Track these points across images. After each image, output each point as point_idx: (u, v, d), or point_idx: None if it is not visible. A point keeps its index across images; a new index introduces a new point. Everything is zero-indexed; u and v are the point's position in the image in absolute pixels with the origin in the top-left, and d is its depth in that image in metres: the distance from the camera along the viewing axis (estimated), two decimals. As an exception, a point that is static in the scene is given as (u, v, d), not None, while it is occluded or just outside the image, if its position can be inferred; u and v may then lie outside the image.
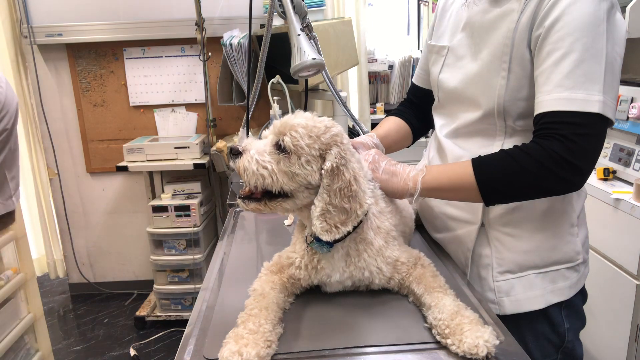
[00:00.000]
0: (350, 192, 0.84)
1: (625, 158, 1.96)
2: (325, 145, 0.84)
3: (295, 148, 0.82)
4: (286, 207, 0.87)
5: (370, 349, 0.79)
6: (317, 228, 0.83)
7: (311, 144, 0.83)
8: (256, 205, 0.87)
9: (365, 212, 0.87)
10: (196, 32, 2.80)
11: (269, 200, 0.86)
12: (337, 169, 0.83)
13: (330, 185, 0.83)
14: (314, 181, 0.84)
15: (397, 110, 1.36)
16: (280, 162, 0.83)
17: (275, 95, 1.92)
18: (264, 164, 0.83)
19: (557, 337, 1.07)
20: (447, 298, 0.84)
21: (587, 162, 0.88)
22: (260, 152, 0.84)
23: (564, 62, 0.88)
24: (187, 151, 2.84)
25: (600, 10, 0.87)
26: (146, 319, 2.93)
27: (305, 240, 0.91)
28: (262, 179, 0.83)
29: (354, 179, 0.84)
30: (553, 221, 1.04)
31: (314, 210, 0.84)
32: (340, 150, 0.84)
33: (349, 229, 0.85)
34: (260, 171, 0.83)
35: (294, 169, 0.83)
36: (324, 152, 0.84)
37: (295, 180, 0.83)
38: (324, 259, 0.90)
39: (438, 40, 1.17)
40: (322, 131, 0.84)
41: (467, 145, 1.09)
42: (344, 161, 0.84)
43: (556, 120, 0.88)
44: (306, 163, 0.83)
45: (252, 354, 0.72)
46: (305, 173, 0.83)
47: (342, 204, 0.83)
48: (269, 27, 1.44)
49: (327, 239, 0.84)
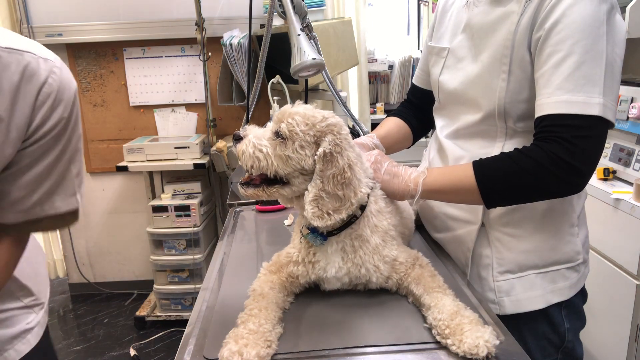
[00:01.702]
0: (343, 179, 0.84)
1: (625, 158, 1.96)
2: (320, 132, 0.85)
3: (291, 134, 0.85)
4: (283, 193, 0.89)
5: (370, 349, 0.79)
6: (309, 213, 0.84)
7: (306, 131, 0.85)
8: (254, 191, 0.89)
9: (360, 201, 0.87)
10: (196, 32, 2.80)
11: (267, 186, 0.89)
12: (330, 155, 0.84)
13: (323, 171, 0.84)
14: (308, 166, 0.86)
15: (397, 111, 1.36)
16: (277, 146, 0.86)
17: (275, 95, 1.92)
18: (260, 147, 0.86)
19: (557, 337, 1.07)
20: (446, 298, 0.84)
21: (587, 165, 0.88)
22: (258, 137, 0.87)
23: (564, 64, 0.88)
24: (187, 151, 2.84)
25: (600, 12, 0.87)
26: (146, 319, 2.93)
27: (301, 232, 0.93)
28: (257, 161, 0.86)
29: (349, 166, 0.85)
30: (553, 221, 1.04)
31: (307, 196, 0.85)
32: (335, 139, 0.85)
33: (342, 216, 0.85)
34: (256, 154, 0.86)
35: (287, 153, 0.85)
36: (319, 139, 0.85)
37: (289, 164, 0.85)
38: (319, 252, 0.91)
39: (438, 41, 1.17)
40: (318, 120, 0.86)
41: (468, 146, 1.09)
42: (339, 149, 0.85)
43: (557, 123, 0.88)
44: (300, 148, 0.85)
45: (252, 354, 0.72)
46: (299, 157, 0.85)
47: (335, 190, 0.84)
48: (269, 27, 1.44)
49: (318, 225, 0.85)
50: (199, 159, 2.83)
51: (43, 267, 1.14)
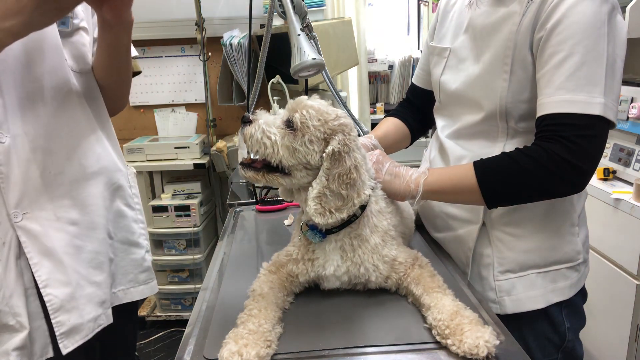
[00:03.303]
0: (349, 179, 0.85)
1: (625, 158, 1.96)
2: (331, 130, 0.85)
3: (302, 126, 0.84)
4: (282, 183, 0.89)
5: (370, 349, 0.79)
6: (311, 209, 0.84)
7: (317, 126, 0.85)
8: (254, 174, 0.89)
9: (362, 203, 0.87)
10: (196, 32, 2.80)
11: (267, 172, 0.88)
12: (338, 154, 0.84)
13: (330, 169, 0.84)
14: (314, 162, 0.86)
15: (395, 111, 1.36)
16: (285, 136, 0.85)
17: (275, 95, 1.92)
18: (269, 134, 0.85)
19: (557, 337, 1.08)
20: (446, 298, 0.84)
21: (588, 164, 0.88)
22: (268, 124, 0.86)
23: (566, 64, 0.88)
24: (187, 151, 2.84)
25: (602, 13, 0.87)
26: (146, 319, 2.93)
27: (301, 228, 0.93)
28: (263, 147, 0.85)
29: (355, 167, 0.86)
30: (554, 221, 1.04)
31: (311, 192, 0.85)
32: (345, 139, 0.85)
33: (343, 216, 0.85)
34: (263, 140, 0.85)
35: (296, 145, 0.84)
36: (329, 137, 0.85)
37: (295, 157, 0.85)
38: (318, 249, 0.91)
39: (440, 41, 1.17)
40: (331, 117, 0.86)
41: (469, 146, 1.09)
42: (347, 149, 0.85)
43: (558, 123, 0.88)
44: (309, 142, 0.85)
45: (251, 354, 0.72)
46: (306, 151, 0.85)
47: (339, 189, 0.84)
48: (269, 27, 1.43)
49: (319, 222, 0.85)
50: (199, 159, 2.82)
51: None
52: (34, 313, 0.98)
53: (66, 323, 0.99)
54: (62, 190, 1.01)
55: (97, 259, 1.07)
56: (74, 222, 1.03)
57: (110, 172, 1.13)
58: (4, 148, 0.92)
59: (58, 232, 1.00)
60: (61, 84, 1.00)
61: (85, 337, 1.03)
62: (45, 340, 0.99)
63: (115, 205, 1.15)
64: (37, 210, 0.97)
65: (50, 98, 0.98)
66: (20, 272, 0.96)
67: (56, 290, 0.98)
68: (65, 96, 1.01)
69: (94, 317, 1.05)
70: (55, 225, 0.99)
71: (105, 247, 1.10)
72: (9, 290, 0.95)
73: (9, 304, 0.95)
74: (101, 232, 1.09)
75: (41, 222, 0.97)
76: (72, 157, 1.03)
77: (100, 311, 1.07)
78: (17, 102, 0.94)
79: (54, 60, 0.99)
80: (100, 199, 1.09)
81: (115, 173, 1.15)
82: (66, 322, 0.99)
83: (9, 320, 0.95)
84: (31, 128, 0.96)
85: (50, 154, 0.99)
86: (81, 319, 1.02)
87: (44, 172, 0.97)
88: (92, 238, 1.06)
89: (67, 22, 1.02)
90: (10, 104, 0.93)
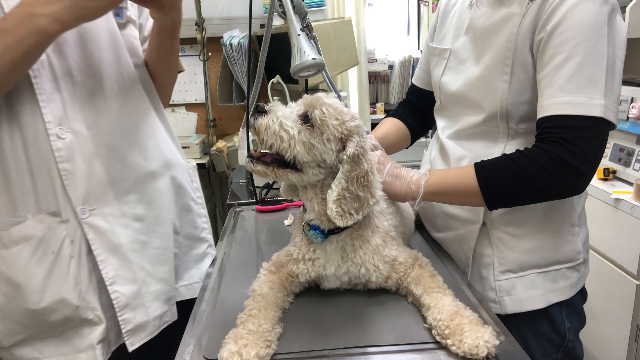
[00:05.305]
0: (366, 181, 0.85)
1: (625, 158, 1.96)
2: (348, 131, 0.85)
3: (322, 123, 0.83)
4: (292, 179, 0.87)
5: (370, 349, 0.79)
6: (333, 212, 0.83)
7: (336, 125, 0.84)
8: (264, 168, 0.87)
9: (376, 204, 0.88)
10: (196, 32, 2.79)
11: (277, 167, 0.86)
12: (357, 157, 0.84)
13: (350, 172, 0.84)
14: (329, 160, 0.85)
15: (395, 112, 1.36)
16: (302, 132, 0.84)
17: (275, 95, 1.92)
18: (287, 128, 0.83)
19: (557, 337, 1.08)
20: (446, 298, 0.84)
21: (589, 165, 0.89)
22: (286, 117, 0.85)
23: (566, 66, 0.88)
24: (187, 151, 2.84)
25: (602, 14, 0.87)
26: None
27: (302, 228, 0.93)
28: (280, 141, 0.83)
29: (371, 170, 0.86)
30: (554, 221, 1.04)
31: (331, 194, 0.84)
32: (361, 141, 0.86)
33: (360, 217, 0.86)
34: (280, 133, 0.83)
35: (313, 142, 0.83)
36: (345, 138, 0.85)
37: (311, 153, 0.84)
38: (319, 249, 0.91)
39: (440, 42, 1.17)
40: (348, 118, 0.86)
41: (470, 146, 1.09)
42: (362, 151, 0.85)
43: (558, 124, 0.88)
44: (327, 140, 0.84)
45: (251, 354, 0.72)
46: (323, 150, 0.84)
47: (357, 191, 0.84)
48: (269, 27, 1.43)
49: (339, 224, 0.85)
50: (199, 159, 2.82)
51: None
52: (105, 306, 0.97)
53: (132, 321, 0.99)
54: (128, 185, 0.99)
55: (163, 255, 1.06)
56: (139, 218, 1.01)
57: (173, 166, 1.11)
58: (65, 145, 0.90)
59: (124, 228, 0.99)
60: (121, 77, 0.98)
61: (150, 335, 1.03)
62: (118, 333, 1.00)
63: (180, 200, 1.14)
64: (103, 206, 0.96)
65: (110, 92, 0.96)
66: (92, 268, 0.96)
67: (122, 288, 0.98)
68: (125, 89, 0.99)
69: (159, 315, 1.05)
70: (120, 221, 0.98)
71: (170, 243, 1.09)
72: (84, 286, 0.94)
73: (86, 299, 0.95)
74: (167, 227, 1.08)
75: (107, 218, 0.96)
76: (136, 152, 1.01)
77: (166, 308, 1.06)
78: (77, 97, 0.92)
79: (113, 54, 0.97)
80: (166, 194, 1.08)
81: (178, 167, 1.13)
82: (132, 319, 0.99)
83: (88, 315, 0.95)
84: (93, 123, 0.94)
85: (115, 149, 0.97)
86: (147, 316, 1.02)
87: (108, 167, 0.96)
88: (157, 233, 1.05)
89: (121, 14, 1.00)
90: (69, 100, 0.91)
